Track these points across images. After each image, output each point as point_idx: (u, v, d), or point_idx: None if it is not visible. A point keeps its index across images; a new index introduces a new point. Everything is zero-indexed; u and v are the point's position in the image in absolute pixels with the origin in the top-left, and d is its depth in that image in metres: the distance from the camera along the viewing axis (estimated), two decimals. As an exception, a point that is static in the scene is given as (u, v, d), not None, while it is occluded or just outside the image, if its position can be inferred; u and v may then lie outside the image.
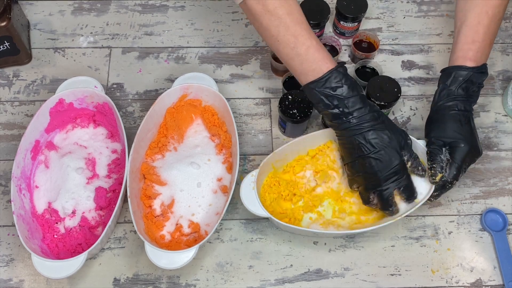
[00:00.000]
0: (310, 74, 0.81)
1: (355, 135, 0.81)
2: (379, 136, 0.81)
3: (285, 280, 0.89)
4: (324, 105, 0.81)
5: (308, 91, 0.82)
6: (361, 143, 0.81)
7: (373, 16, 1.15)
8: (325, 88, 0.80)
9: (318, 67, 0.80)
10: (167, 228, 0.89)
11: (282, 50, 0.82)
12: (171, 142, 0.97)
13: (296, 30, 0.80)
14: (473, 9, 0.85)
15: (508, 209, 0.95)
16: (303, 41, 0.80)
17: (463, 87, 0.85)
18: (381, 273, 0.90)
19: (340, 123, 0.82)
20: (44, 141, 0.95)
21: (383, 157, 0.81)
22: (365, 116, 0.81)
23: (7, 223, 0.92)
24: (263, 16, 0.80)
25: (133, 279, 0.88)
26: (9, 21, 0.98)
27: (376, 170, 0.81)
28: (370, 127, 0.81)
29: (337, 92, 0.80)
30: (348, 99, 0.80)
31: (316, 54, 0.81)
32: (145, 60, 1.09)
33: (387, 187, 0.82)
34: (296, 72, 0.83)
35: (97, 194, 0.91)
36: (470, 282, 0.89)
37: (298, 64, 0.81)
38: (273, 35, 0.81)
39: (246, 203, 0.84)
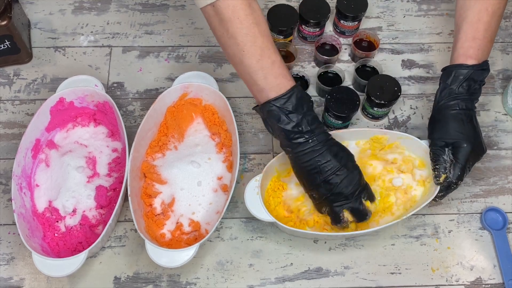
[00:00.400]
0: (273, 90, 0.78)
1: (316, 156, 0.79)
2: (338, 153, 0.81)
3: (285, 279, 0.89)
4: (284, 123, 0.78)
5: (267, 108, 0.79)
6: (323, 164, 0.80)
7: (373, 15, 1.15)
8: (287, 104, 0.78)
9: (282, 82, 0.78)
10: (167, 227, 0.89)
11: (246, 61, 0.78)
12: (172, 141, 0.97)
13: (263, 42, 0.77)
14: (473, 6, 0.85)
15: (508, 208, 0.95)
16: (269, 55, 0.78)
17: (464, 85, 0.85)
18: (381, 271, 0.90)
19: (299, 143, 0.79)
20: (45, 140, 0.95)
21: (345, 173, 0.81)
22: (322, 136, 0.80)
23: (7, 222, 0.92)
24: (231, 22, 0.76)
25: (134, 277, 0.89)
26: (10, 20, 0.98)
27: (344, 187, 0.81)
28: (327, 146, 0.80)
29: (299, 110, 0.78)
30: (308, 117, 0.79)
31: (280, 70, 0.78)
32: (146, 59, 1.09)
33: (357, 199, 0.82)
34: (256, 87, 0.79)
35: (98, 192, 0.91)
36: (470, 280, 0.90)
37: (261, 78, 0.78)
38: (239, 44, 0.77)
39: (251, 209, 0.84)
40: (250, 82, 0.80)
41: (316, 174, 0.80)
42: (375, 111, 0.99)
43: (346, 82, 1.06)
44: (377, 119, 1.02)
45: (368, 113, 1.01)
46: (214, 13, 0.76)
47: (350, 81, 1.07)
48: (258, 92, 0.80)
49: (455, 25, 0.89)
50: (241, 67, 0.79)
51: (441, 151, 0.85)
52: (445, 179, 0.84)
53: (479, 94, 0.87)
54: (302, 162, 0.81)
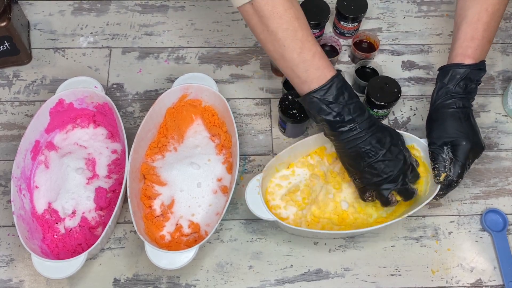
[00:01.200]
0: (315, 81, 0.79)
1: (360, 143, 0.81)
2: (382, 139, 0.82)
3: (285, 281, 0.89)
4: (325, 114, 0.80)
5: (308, 100, 0.81)
6: (367, 150, 0.81)
7: (373, 16, 1.15)
8: (327, 95, 0.79)
9: (323, 74, 0.79)
10: (167, 228, 0.89)
11: (287, 56, 0.79)
12: (171, 142, 0.97)
13: (303, 35, 0.78)
14: (473, 6, 0.85)
15: (508, 209, 0.95)
16: (309, 47, 0.79)
17: (460, 84, 0.85)
18: (381, 273, 0.90)
19: (342, 132, 0.81)
20: (44, 141, 0.95)
21: (390, 157, 0.81)
22: (365, 123, 0.81)
23: (7, 223, 0.92)
24: (271, 19, 0.77)
25: (133, 279, 0.88)
26: (9, 21, 0.98)
27: (389, 171, 0.81)
28: (371, 132, 0.81)
29: (339, 99, 0.80)
30: (349, 106, 0.80)
31: (321, 61, 0.80)
32: (145, 60, 1.09)
33: (402, 182, 0.82)
34: (298, 79, 0.81)
35: (97, 194, 0.91)
36: (470, 282, 0.89)
37: (302, 71, 0.79)
38: (279, 40, 0.78)
39: (252, 208, 0.84)
40: (292, 75, 0.81)
41: (360, 159, 0.82)
42: (375, 112, 0.99)
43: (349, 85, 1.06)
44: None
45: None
46: (253, 11, 0.77)
47: (350, 83, 1.07)
48: (300, 84, 0.81)
49: (454, 25, 0.89)
50: (283, 61, 0.80)
51: (440, 150, 0.85)
52: (445, 177, 0.84)
53: (475, 93, 0.87)
54: (346, 149, 0.82)
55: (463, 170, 0.84)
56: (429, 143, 0.87)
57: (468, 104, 0.86)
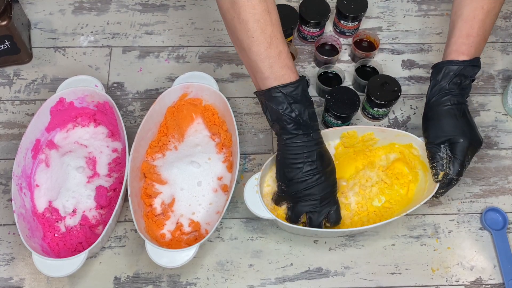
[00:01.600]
0: (278, 80, 0.78)
1: (306, 152, 0.80)
2: (325, 159, 0.82)
3: (285, 279, 0.89)
4: (289, 111, 0.79)
5: (273, 93, 0.79)
6: (309, 162, 0.80)
7: (373, 15, 1.15)
8: (294, 94, 0.79)
9: (287, 74, 0.79)
10: (167, 227, 0.89)
11: (254, 48, 0.77)
12: (172, 141, 0.97)
13: (272, 31, 0.77)
14: (469, 4, 0.85)
15: (508, 208, 0.95)
16: (277, 44, 0.78)
17: (454, 81, 0.85)
18: (381, 271, 0.90)
19: (296, 134, 0.80)
20: (45, 140, 0.95)
21: (324, 179, 0.81)
22: (317, 134, 0.81)
23: (7, 222, 0.92)
24: (245, 6, 0.75)
25: (134, 277, 0.89)
26: (10, 20, 0.98)
27: (316, 191, 0.81)
28: (319, 147, 0.82)
29: (303, 101, 0.79)
30: (309, 110, 0.80)
31: (286, 61, 0.79)
32: (146, 59, 1.09)
33: (321, 208, 0.83)
34: (261, 74, 0.79)
35: (98, 193, 0.91)
36: (470, 280, 0.90)
37: (266, 67, 0.78)
38: (249, 30, 0.76)
39: (251, 207, 0.84)
40: (254, 69, 0.80)
41: (297, 169, 0.81)
42: (375, 111, 0.99)
43: (346, 82, 1.06)
44: (377, 119, 1.02)
45: (368, 113, 1.01)
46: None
47: (350, 81, 1.07)
48: (261, 79, 0.80)
49: (450, 23, 0.89)
50: (248, 53, 0.79)
51: (437, 148, 0.85)
52: (444, 176, 0.84)
53: (469, 89, 0.87)
54: (290, 153, 0.81)
55: (462, 167, 0.84)
56: (426, 142, 0.87)
57: (463, 100, 0.86)
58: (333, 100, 0.95)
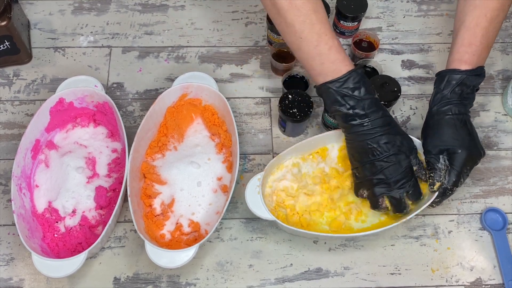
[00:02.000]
0: (330, 75, 0.80)
1: (368, 139, 0.81)
2: (391, 141, 0.81)
3: (285, 279, 0.89)
4: (339, 105, 0.80)
5: (324, 90, 0.81)
6: (374, 147, 0.81)
7: (373, 16, 1.15)
8: (343, 88, 0.80)
9: (338, 68, 0.80)
10: (167, 227, 0.89)
11: (304, 48, 0.80)
12: (171, 142, 0.97)
13: (320, 29, 0.79)
14: (472, 11, 0.85)
15: (508, 208, 0.95)
16: (326, 40, 0.79)
17: (456, 90, 0.84)
18: (381, 272, 0.90)
19: (353, 125, 0.81)
20: (44, 141, 0.95)
21: (393, 161, 0.81)
22: (378, 120, 0.81)
23: (7, 222, 0.92)
24: (289, 11, 0.78)
25: (133, 278, 0.89)
26: (9, 21, 0.98)
27: (388, 173, 0.81)
28: (383, 131, 0.81)
29: (354, 93, 0.80)
30: (364, 101, 0.80)
31: (337, 55, 0.80)
32: (145, 60, 1.09)
33: (397, 190, 0.82)
34: (314, 71, 0.81)
35: (97, 193, 0.91)
36: (470, 281, 0.90)
37: (318, 64, 0.80)
38: (296, 32, 0.79)
39: (252, 207, 0.84)
40: (308, 67, 0.82)
41: (364, 155, 0.82)
42: (375, 111, 0.99)
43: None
44: (377, 119, 1.02)
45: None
46: (271, 3, 0.79)
47: (350, 82, 1.07)
48: (315, 76, 0.82)
49: (454, 30, 0.88)
50: (299, 53, 0.81)
51: (435, 159, 0.84)
52: (440, 186, 0.84)
53: (472, 99, 0.86)
54: (354, 141, 0.82)
55: (458, 178, 0.84)
56: (424, 151, 0.87)
57: (465, 110, 0.85)
58: (333, 100, 0.95)
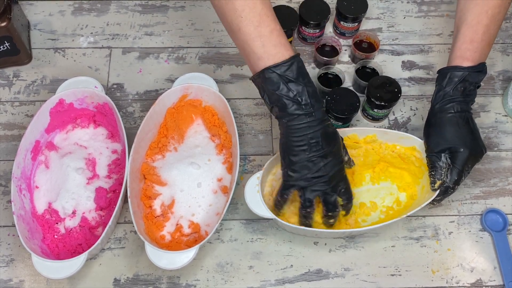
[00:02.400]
0: (271, 59, 0.75)
1: (310, 133, 0.77)
2: (331, 136, 0.79)
3: (285, 281, 0.89)
4: (284, 91, 0.75)
5: (267, 75, 0.76)
6: (314, 142, 0.77)
7: (373, 16, 1.15)
8: (288, 72, 0.75)
9: (281, 52, 0.75)
10: (167, 229, 0.89)
11: (244, 28, 0.75)
12: (171, 143, 0.97)
13: (262, 9, 0.75)
14: (473, 8, 0.84)
15: (508, 209, 0.95)
16: (268, 22, 0.75)
17: (459, 87, 0.84)
18: (381, 273, 0.90)
19: (298, 115, 0.76)
20: (44, 142, 0.95)
21: (332, 159, 0.79)
22: (320, 112, 0.77)
23: (7, 224, 0.92)
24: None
25: (133, 279, 0.88)
26: (9, 21, 0.98)
27: (326, 169, 0.79)
28: (323, 125, 0.78)
29: (299, 80, 0.75)
30: (308, 88, 0.76)
31: (279, 39, 0.76)
32: (145, 60, 1.09)
33: (333, 188, 0.80)
34: (254, 54, 0.76)
35: (97, 194, 0.91)
36: (471, 282, 0.89)
37: (259, 46, 0.75)
38: (237, 9, 0.74)
39: (251, 205, 0.84)
40: (247, 50, 0.77)
41: (302, 151, 0.78)
42: (375, 112, 0.99)
43: (346, 84, 1.06)
44: (377, 120, 1.02)
45: (368, 114, 1.01)
46: None
47: (350, 83, 1.07)
48: (255, 61, 0.77)
49: (455, 27, 0.89)
50: (239, 34, 0.76)
51: (436, 157, 0.84)
52: (441, 185, 0.84)
53: (474, 96, 0.86)
54: (293, 136, 0.78)
55: (460, 177, 0.84)
56: (426, 149, 0.87)
57: (467, 108, 0.85)
58: (333, 101, 0.95)
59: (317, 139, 0.77)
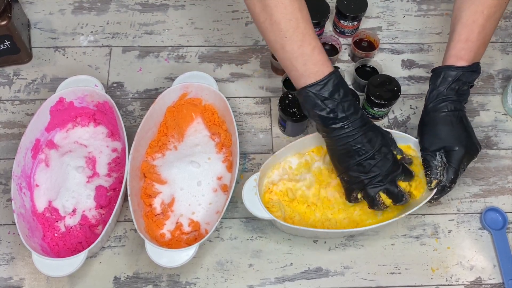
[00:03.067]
0: (312, 77, 0.79)
1: (351, 141, 0.80)
2: (373, 138, 0.82)
3: (285, 279, 0.89)
4: (320, 109, 0.79)
5: (304, 94, 0.80)
6: (358, 148, 0.81)
7: (373, 15, 1.15)
8: (323, 91, 0.79)
9: (321, 69, 0.79)
10: (167, 227, 0.89)
11: (288, 47, 0.78)
12: (171, 141, 0.97)
13: (305, 28, 0.78)
14: (469, 8, 0.84)
15: (507, 208, 0.95)
16: (309, 41, 0.78)
17: (452, 87, 0.84)
18: (381, 271, 0.90)
19: (334, 128, 0.80)
20: (45, 140, 0.95)
21: (380, 157, 0.81)
22: (358, 121, 0.80)
23: (7, 222, 0.92)
24: (276, 8, 0.76)
25: (133, 277, 0.89)
26: (10, 20, 0.98)
27: (378, 169, 0.81)
28: (363, 131, 0.81)
29: (334, 96, 0.79)
30: (343, 103, 0.79)
31: (319, 56, 0.79)
32: (145, 59, 1.09)
33: (391, 182, 0.82)
34: (296, 72, 0.80)
35: (98, 192, 0.91)
36: (470, 280, 0.90)
37: (301, 64, 0.79)
38: (281, 30, 0.77)
39: (249, 207, 0.84)
40: (289, 67, 0.80)
41: (349, 158, 0.81)
42: (375, 111, 0.99)
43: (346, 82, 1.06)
44: (377, 119, 1.02)
45: (368, 113, 1.01)
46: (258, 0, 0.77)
47: (350, 81, 1.07)
48: (297, 77, 0.80)
49: (450, 26, 0.88)
50: (282, 52, 0.80)
51: (431, 156, 0.85)
52: (437, 184, 0.84)
53: (467, 95, 0.86)
54: (337, 146, 0.82)
55: (456, 175, 0.84)
56: (421, 148, 0.87)
57: (460, 107, 0.85)
58: (332, 100, 0.95)
59: (359, 144, 0.80)
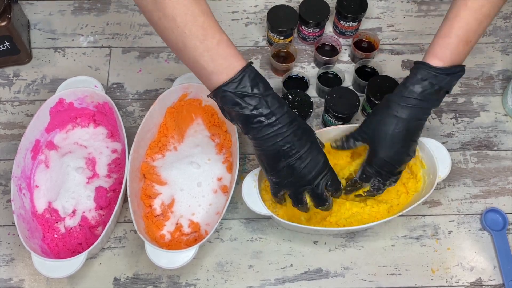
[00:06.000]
0: (224, 72, 0.71)
1: (281, 140, 0.74)
2: (303, 137, 0.75)
3: (285, 280, 0.89)
4: (241, 107, 0.71)
5: (221, 94, 0.72)
6: (287, 148, 0.74)
7: (373, 16, 1.15)
8: (241, 88, 0.71)
9: (232, 64, 0.71)
10: (167, 228, 0.89)
11: (189, 44, 0.70)
12: (171, 142, 0.97)
13: (204, 21, 0.70)
14: (455, 2, 0.77)
15: (508, 209, 0.95)
16: (213, 34, 0.70)
17: (416, 89, 0.76)
18: (381, 272, 0.90)
19: (261, 127, 0.73)
20: (44, 141, 0.95)
21: (310, 157, 0.76)
22: (285, 117, 0.73)
23: (7, 223, 0.92)
24: (168, 3, 0.68)
25: (133, 278, 0.89)
26: (9, 21, 0.98)
27: (307, 171, 0.76)
28: (292, 128, 0.74)
29: (254, 91, 0.71)
30: (266, 98, 0.72)
31: (228, 50, 0.71)
32: (145, 60, 1.09)
33: (318, 183, 0.78)
34: (205, 70, 0.71)
35: (97, 193, 0.91)
36: (470, 281, 0.90)
37: (208, 61, 0.70)
38: (179, 26, 0.69)
39: (248, 202, 0.84)
40: (197, 67, 0.72)
41: (279, 159, 0.75)
42: (375, 111, 0.99)
43: (346, 83, 1.06)
44: (377, 119, 1.02)
45: (368, 113, 1.01)
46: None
47: (350, 82, 1.07)
48: (208, 76, 0.72)
49: None
50: (186, 52, 0.71)
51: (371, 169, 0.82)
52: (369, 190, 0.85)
53: (436, 101, 0.78)
54: (265, 147, 0.75)
55: (362, 173, 0.83)
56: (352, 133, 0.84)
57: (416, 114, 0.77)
58: (333, 100, 0.95)
59: (289, 144, 0.74)
